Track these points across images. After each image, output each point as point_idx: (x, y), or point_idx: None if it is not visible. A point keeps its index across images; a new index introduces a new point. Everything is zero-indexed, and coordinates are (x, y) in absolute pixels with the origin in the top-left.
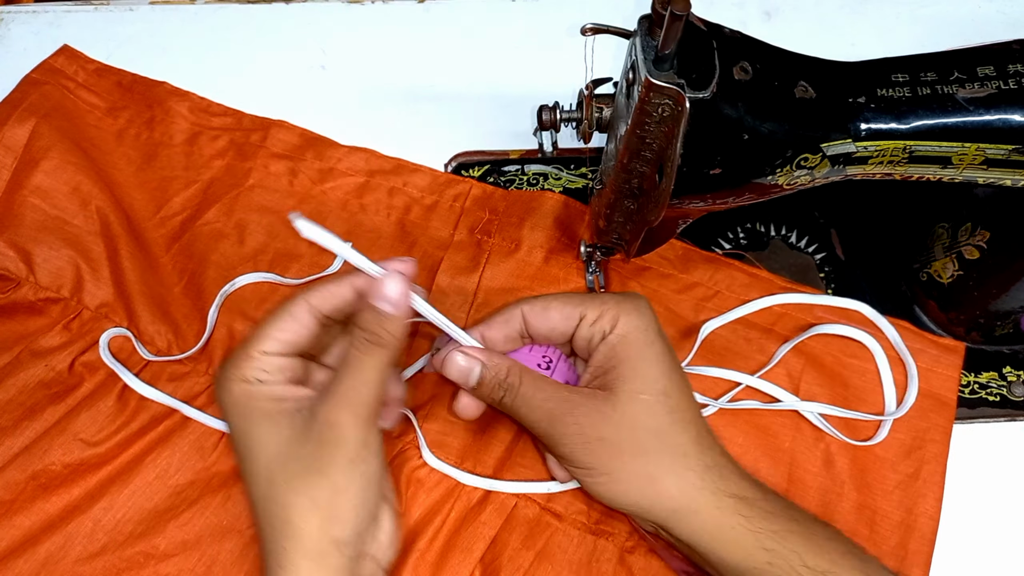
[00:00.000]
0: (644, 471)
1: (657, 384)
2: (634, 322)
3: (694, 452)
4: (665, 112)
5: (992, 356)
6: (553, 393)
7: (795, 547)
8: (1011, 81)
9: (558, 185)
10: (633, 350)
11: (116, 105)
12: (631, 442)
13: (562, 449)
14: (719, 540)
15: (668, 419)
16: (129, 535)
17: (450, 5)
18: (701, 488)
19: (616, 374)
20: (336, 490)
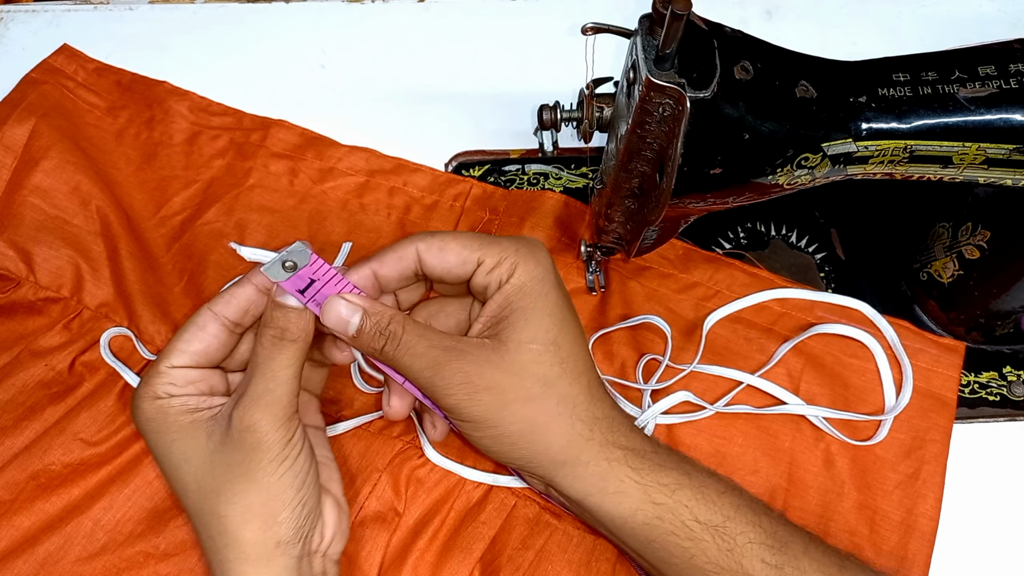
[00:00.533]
0: (531, 419)
1: (548, 334)
2: (531, 271)
3: (583, 402)
4: (666, 112)
5: (992, 356)
6: (438, 341)
7: (686, 501)
8: (1012, 80)
9: (558, 185)
10: (528, 300)
11: (116, 104)
12: (518, 389)
13: (448, 400)
14: (607, 493)
15: (558, 368)
16: (129, 535)
17: (450, 5)
18: (589, 439)
19: (507, 323)
20: (268, 493)
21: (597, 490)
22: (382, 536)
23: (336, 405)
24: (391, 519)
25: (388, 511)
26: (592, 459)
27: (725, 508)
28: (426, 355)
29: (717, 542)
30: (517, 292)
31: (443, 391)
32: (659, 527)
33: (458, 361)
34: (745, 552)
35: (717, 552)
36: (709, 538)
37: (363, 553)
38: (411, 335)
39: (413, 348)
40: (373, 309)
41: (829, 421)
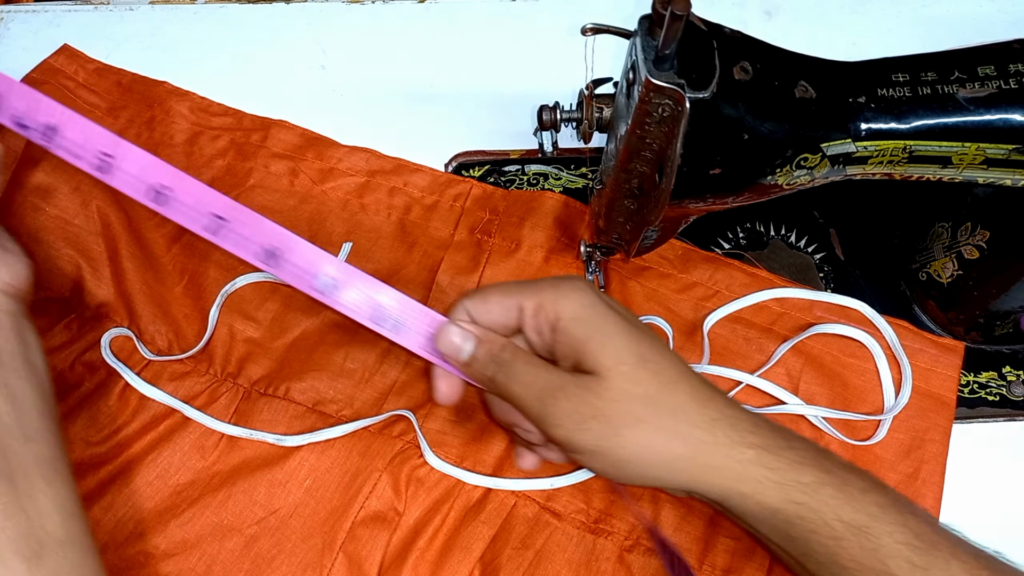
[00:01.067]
0: (645, 441)
1: (631, 352)
2: (578, 300)
3: (694, 408)
4: (665, 112)
5: (992, 356)
6: (544, 373)
7: (828, 499)
8: (1012, 81)
9: (558, 185)
10: (590, 328)
11: (116, 105)
12: (625, 414)
13: (558, 432)
14: (744, 495)
15: (655, 382)
16: (129, 535)
17: (450, 5)
18: (713, 443)
19: (587, 353)
20: None
21: (735, 493)
22: (382, 536)
23: (336, 405)
24: (391, 519)
25: (388, 511)
26: (722, 463)
27: (869, 507)
28: (534, 385)
29: (861, 542)
30: (574, 324)
31: (552, 422)
32: (800, 526)
33: (563, 390)
34: (891, 553)
35: (861, 552)
36: (853, 537)
37: (363, 553)
38: (520, 364)
39: (522, 377)
40: (486, 336)
41: (828, 421)
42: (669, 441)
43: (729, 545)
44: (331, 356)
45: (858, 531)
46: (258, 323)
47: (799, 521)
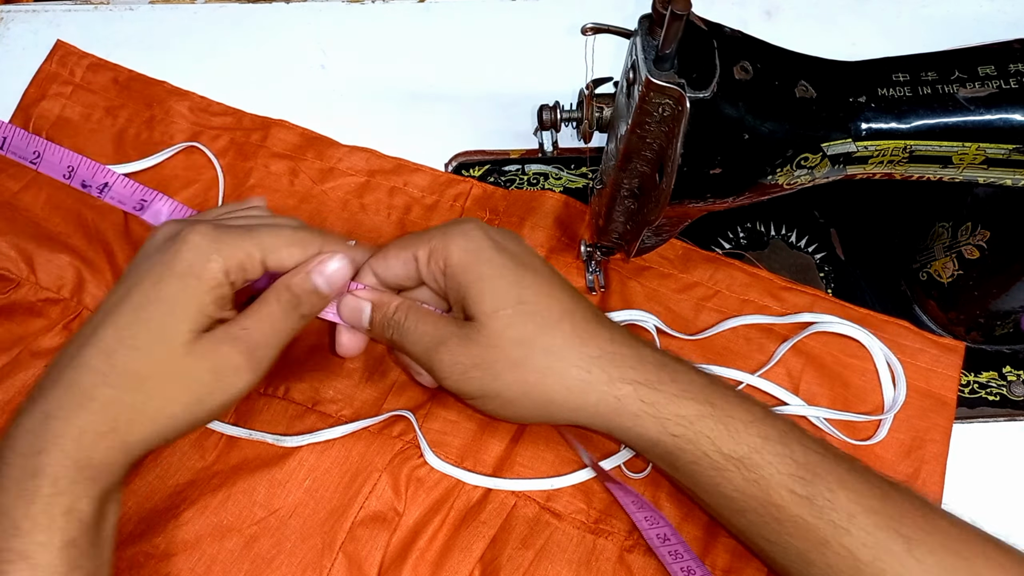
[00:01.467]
0: (523, 381)
1: (509, 295)
2: (463, 245)
3: (571, 347)
4: (665, 112)
5: (992, 356)
6: (431, 327)
7: (707, 432)
8: (1012, 80)
9: (558, 185)
10: (472, 273)
11: (114, 104)
12: (503, 359)
13: (447, 382)
14: (624, 428)
15: (532, 325)
16: (129, 535)
17: (450, 5)
18: (589, 380)
19: (468, 300)
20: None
21: (615, 425)
22: (382, 536)
23: (336, 405)
24: (391, 519)
25: (388, 511)
26: (600, 399)
27: (751, 439)
28: (421, 342)
29: (743, 473)
30: (459, 270)
31: (440, 373)
32: (681, 457)
33: (445, 344)
34: (773, 483)
35: (743, 482)
36: (734, 469)
37: (363, 553)
38: (411, 321)
39: (411, 333)
40: (379, 300)
41: (829, 421)
42: (545, 381)
43: (729, 545)
44: (331, 356)
45: (738, 462)
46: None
47: (679, 452)
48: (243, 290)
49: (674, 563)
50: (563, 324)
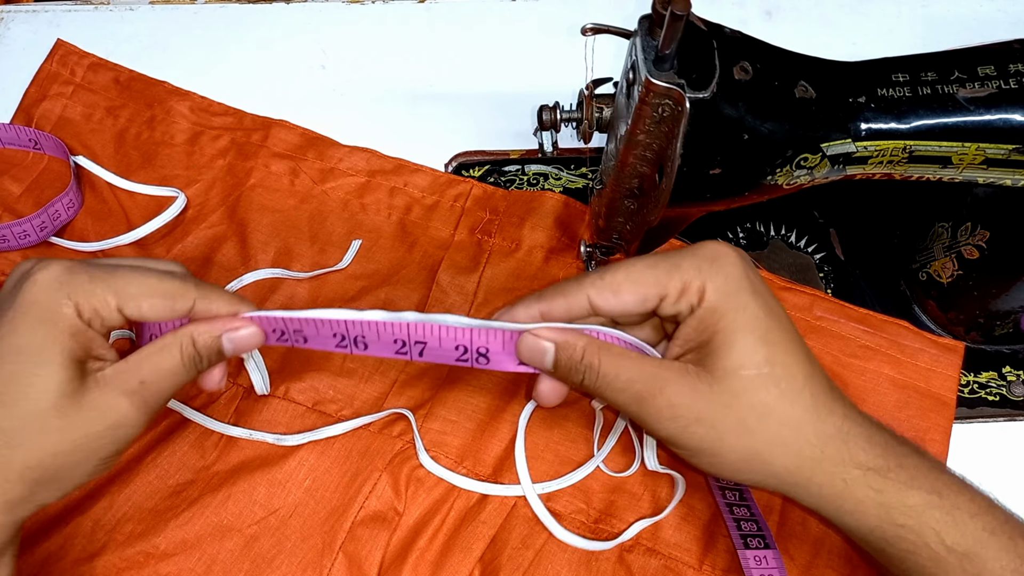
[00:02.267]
0: (749, 448)
1: (756, 355)
2: (721, 288)
3: (809, 421)
4: (665, 112)
5: (992, 356)
6: (639, 372)
7: (933, 523)
8: (1012, 81)
9: (558, 185)
10: (726, 321)
11: (115, 104)
12: (733, 421)
13: (659, 433)
14: (842, 512)
15: (775, 392)
16: (129, 535)
17: (450, 5)
18: (820, 459)
19: (709, 350)
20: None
21: (833, 507)
22: (382, 536)
23: (336, 404)
24: (391, 519)
25: (388, 511)
26: (825, 481)
27: (978, 532)
28: (627, 389)
29: (964, 566)
30: (712, 315)
31: (652, 424)
32: (898, 545)
33: (663, 393)
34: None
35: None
36: (955, 561)
37: (363, 553)
38: (608, 366)
39: (613, 381)
40: (565, 341)
41: None
42: (773, 452)
43: (729, 545)
44: (331, 356)
45: (962, 556)
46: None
47: (897, 541)
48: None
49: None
50: (804, 394)
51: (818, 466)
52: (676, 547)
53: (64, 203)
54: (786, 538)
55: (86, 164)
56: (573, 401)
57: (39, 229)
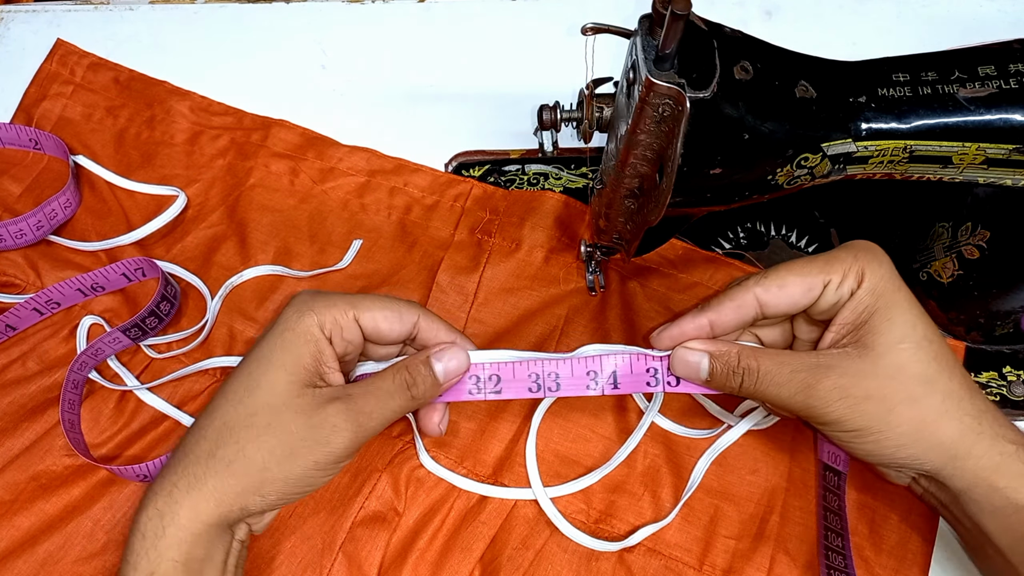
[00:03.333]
0: (919, 419)
1: (916, 330)
2: (879, 271)
3: (967, 396)
4: (665, 112)
5: (992, 356)
6: (801, 363)
7: None
8: (1012, 80)
9: (558, 185)
10: (884, 300)
11: (115, 103)
12: (902, 392)
13: (829, 416)
14: (996, 487)
15: (935, 365)
16: None
17: (450, 5)
18: (980, 432)
19: (869, 328)
20: (287, 478)
21: (986, 484)
22: (382, 536)
23: None
24: (391, 519)
25: (388, 511)
26: (984, 453)
27: None
28: (792, 380)
29: None
30: (871, 295)
31: (822, 410)
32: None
33: (829, 377)
34: None
35: None
36: None
37: (363, 553)
38: (769, 364)
39: (776, 377)
40: (718, 351)
41: None
42: (940, 422)
43: (729, 545)
44: None
45: None
46: (258, 323)
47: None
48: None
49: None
50: (957, 370)
51: (978, 438)
52: (677, 547)
53: (61, 202)
54: (786, 539)
55: (86, 164)
56: (574, 402)
57: (35, 228)
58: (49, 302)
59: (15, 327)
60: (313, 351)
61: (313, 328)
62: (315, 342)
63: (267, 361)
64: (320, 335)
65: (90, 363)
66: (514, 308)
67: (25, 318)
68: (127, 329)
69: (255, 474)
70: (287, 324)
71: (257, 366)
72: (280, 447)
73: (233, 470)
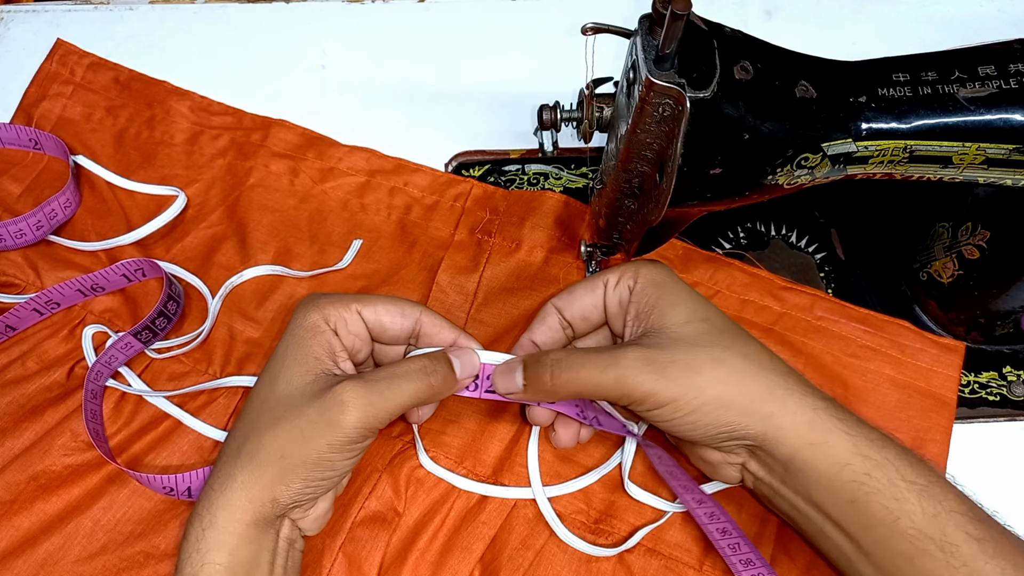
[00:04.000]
0: (725, 379)
1: (697, 312)
2: (654, 269)
3: (766, 357)
4: (666, 112)
5: (992, 356)
6: (607, 349)
7: (892, 458)
8: (1012, 80)
9: (558, 185)
10: (663, 289)
11: (115, 103)
12: (703, 355)
13: (642, 388)
14: (816, 445)
15: (728, 335)
16: (129, 535)
17: (450, 5)
18: (788, 388)
19: (657, 314)
20: (307, 459)
21: (806, 443)
22: (382, 536)
23: None
24: (391, 519)
25: (388, 511)
26: (798, 408)
27: (927, 472)
28: (598, 360)
29: (923, 505)
30: (650, 285)
31: (633, 381)
32: (866, 484)
33: (634, 349)
34: (949, 520)
35: (922, 516)
36: (915, 500)
37: (363, 553)
38: (577, 354)
39: (582, 359)
40: (529, 358)
41: None
42: (746, 381)
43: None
44: None
45: (920, 491)
46: (258, 323)
47: (865, 479)
48: None
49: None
50: (752, 339)
51: (787, 394)
52: (677, 547)
53: (61, 202)
54: (787, 539)
55: (86, 163)
56: None
57: (35, 228)
58: (49, 303)
59: (15, 327)
60: (322, 342)
61: (319, 322)
62: (322, 333)
63: (281, 358)
64: (326, 327)
65: (105, 372)
66: (514, 308)
67: (25, 318)
68: (138, 332)
69: (276, 462)
70: (296, 323)
71: (275, 363)
72: (293, 431)
73: (257, 462)
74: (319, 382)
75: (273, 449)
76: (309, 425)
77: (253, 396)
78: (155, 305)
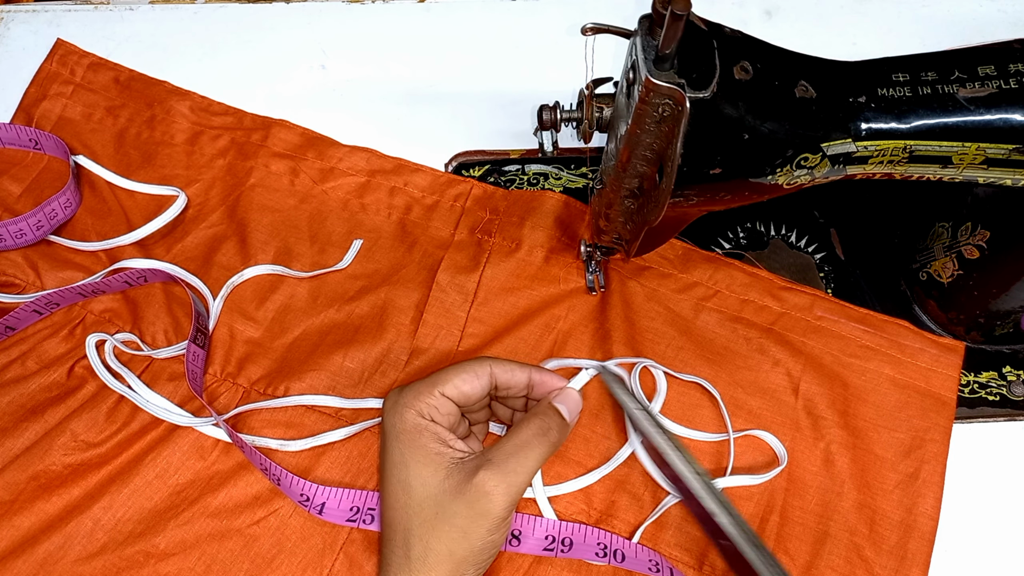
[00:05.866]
0: None
1: None
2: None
3: None
4: (665, 112)
5: (992, 356)
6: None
7: None
8: (1012, 80)
9: (558, 185)
10: None
11: (115, 103)
12: None
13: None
14: None
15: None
16: (129, 535)
17: (450, 5)
18: None
19: None
20: (471, 551)
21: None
22: None
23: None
24: None
25: None
26: None
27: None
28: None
29: None
30: None
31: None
32: None
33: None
34: None
35: None
36: None
37: (364, 553)
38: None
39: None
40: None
41: (831, 426)
42: None
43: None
44: (331, 356)
45: None
46: (258, 323)
47: None
48: None
49: None
50: None
51: None
52: (676, 547)
53: (61, 202)
54: (786, 538)
55: (86, 163)
56: None
57: (35, 228)
58: (49, 304)
59: (14, 327)
60: (431, 436)
61: (417, 419)
62: (427, 428)
63: (403, 464)
64: (426, 421)
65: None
66: (514, 308)
67: (24, 319)
68: (195, 338)
69: (446, 560)
70: (395, 427)
71: (399, 471)
72: (454, 530)
73: (430, 564)
74: (452, 475)
75: (441, 550)
76: (465, 522)
77: (392, 503)
78: (192, 306)
